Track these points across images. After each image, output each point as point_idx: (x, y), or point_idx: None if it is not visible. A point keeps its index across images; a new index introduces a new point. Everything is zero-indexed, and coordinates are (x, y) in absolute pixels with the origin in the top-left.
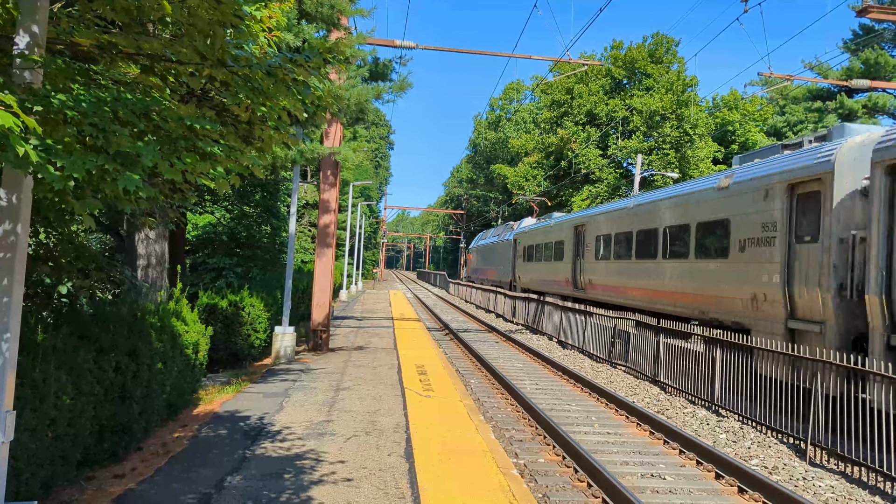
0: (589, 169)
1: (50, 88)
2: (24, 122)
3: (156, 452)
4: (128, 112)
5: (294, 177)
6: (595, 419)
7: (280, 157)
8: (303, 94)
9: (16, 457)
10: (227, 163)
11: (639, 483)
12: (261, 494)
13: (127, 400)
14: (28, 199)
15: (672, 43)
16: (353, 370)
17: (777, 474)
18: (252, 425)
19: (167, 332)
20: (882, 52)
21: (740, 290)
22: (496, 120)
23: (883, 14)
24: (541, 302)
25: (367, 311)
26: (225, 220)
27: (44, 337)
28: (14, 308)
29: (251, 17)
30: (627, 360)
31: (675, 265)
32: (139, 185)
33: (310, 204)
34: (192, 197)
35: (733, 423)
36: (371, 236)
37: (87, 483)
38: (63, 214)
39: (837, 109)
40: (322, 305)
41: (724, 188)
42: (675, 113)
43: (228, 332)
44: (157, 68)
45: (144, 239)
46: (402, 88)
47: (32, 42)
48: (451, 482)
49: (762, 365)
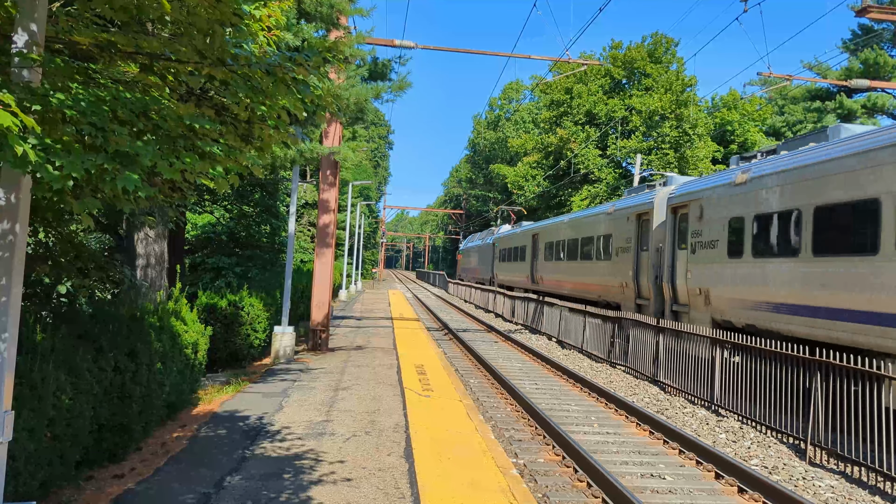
0: (588, 169)
1: (49, 87)
2: (23, 122)
3: (155, 452)
4: (127, 111)
5: (293, 176)
6: (595, 419)
7: (279, 156)
8: (302, 93)
9: (14, 457)
10: (226, 162)
11: (639, 483)
12: (260, 494)
13: (126, 400)
14: (27, 198)
15: (671, 43)
16: (352, 370)
17: (777, 474)
18: (251, 425)
19: (166, 331)
20: (881, 52)
21: (616, 280)
22: (495, 120)
23: (882, 14)
24: (540, 302)
25: (366, 311)
26: (224, 220)
27: (42, 337)
28: (13, 308)
29: (250, 16)
30: (627, 360)
31: (585, 265)
32: (138, 184)
33: (309, 204)
34: (191, 196)
35: (733, 423)
36: (370, 236)
37: (85, 483)
38: (62, 214)
39: (837, 109)
40: (321, 305)
41: (610, 213)
42: (674, 113)
43: (228, 331)
44: (156, 67)
45: (144, 238)
46: (402, 88)
47: (31, 41)
48: (450, 482)
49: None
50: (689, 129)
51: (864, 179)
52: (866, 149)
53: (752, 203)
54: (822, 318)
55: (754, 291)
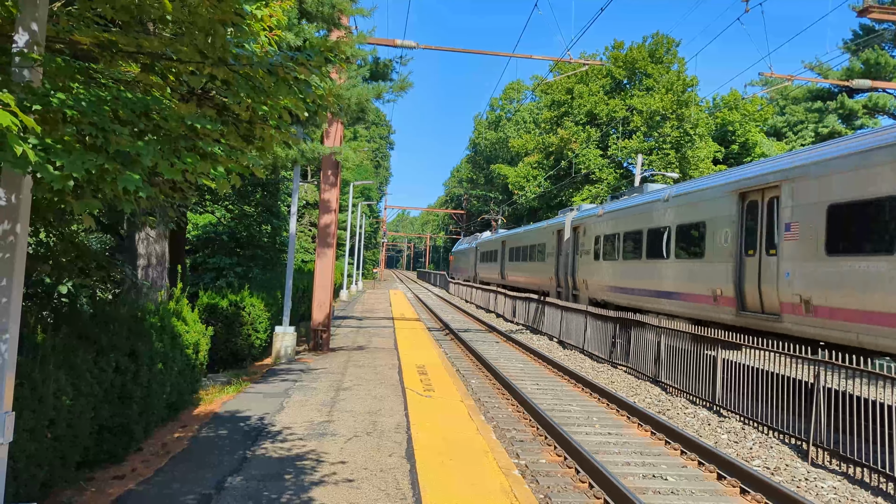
0: (589, 169)
1: (49, 87)
2: (23, 122)
3: (156, 453)
4: (128, 111)
5: (294, 176)
6: (596, 419)
7: (281, 156)
8: (304, 92)
9: (15, 458)
10: (227, 162)
11: (640, 484)
12: (261, 495)
13: (127, 400)
14: (27, 198)
15: (672, 43)
16: (353, 370)
17: (779, 475)
18: (252, 425)
19: (167, 332)
20: (882, 53)
21: (546, 276)
22: (496, 120)
23: (883, 14)
24: (541, 302)
25: (367, 311)
26: (225, 220)
27: (43, 337)
28: (13, 308)
29: (252, 16)
30: (628, 361)
31: (531, 265)
32: (139, 184)
33: (310, 204)
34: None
35: (735, 424)
36: (371, 236)
37: (86, 484)
38: (63, 214)
39: (838, 110)
40: (322, 305)
41: (544, 228)
42: (675, 113)
43: (229, 331)
44: (157, 67)
45: (145, 238)
46: (403, 88)
47: (32, 40)
48: (452, 483)
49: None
50: (691, 130)
51: (640, 220)
52: (645, 202)
53: (601, 228)
54: (629, 294)
55: (604, 280)
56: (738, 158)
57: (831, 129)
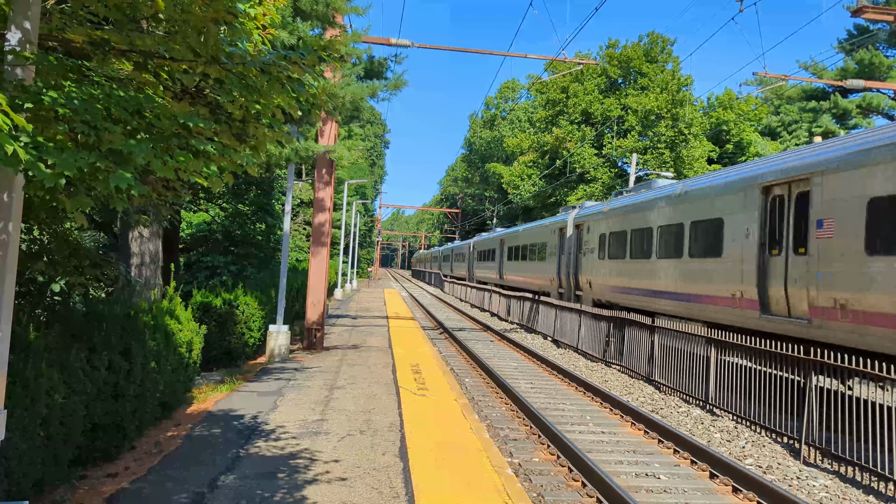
0: (584, 168)
1: (41, 85)
2: (13, 120)
3: (149, 451)
4: (120, 109)
5: (289, 175)
6: (590, 418)
7: (274, 155)
8: (297, 91)
9: (7, 456)
10: (220, 161)
11: (633, 482)
12: (254, 494)
13: (120, 399)
14: (19, 197)
15: (667, 42)
16: (347, 369)
17: (771, 473)
18: (246, 424)
19: (161, 330)
20: (876, 53)
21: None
22: (491, 119)
23: (877, 14)
24: (535, 301)
25: (361, 310)
26: (219, 219)
27: (36, 335)
28: (5, 306)
29: (245, 14)
30: (622, 360)
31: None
32: (131, 182)
33: (304, 202)
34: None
35: (727, 423)
36: (366, 235)
37: (79, 482)
38: (56, 212)
39: (832, 109)
40: (317, 304)
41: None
42: (669, 112)
43: (223, 330)
44: (150, 65)
45: (138, 237)
46: (398, 86)
47: (24, 38)
48: (445, 481)
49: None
50: (685, 129)
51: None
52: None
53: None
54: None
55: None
56: (733, 158)
57: (825, 129)
